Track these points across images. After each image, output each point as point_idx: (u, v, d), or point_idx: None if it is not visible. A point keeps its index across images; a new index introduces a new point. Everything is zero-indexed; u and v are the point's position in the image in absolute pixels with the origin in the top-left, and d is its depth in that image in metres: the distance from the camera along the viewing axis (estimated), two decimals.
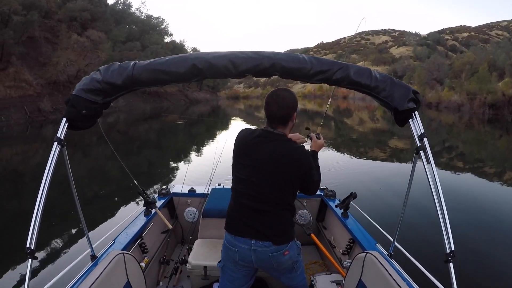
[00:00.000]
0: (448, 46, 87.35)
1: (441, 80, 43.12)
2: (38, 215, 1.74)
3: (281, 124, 2.12)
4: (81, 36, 39.58)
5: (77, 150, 14.42)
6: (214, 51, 2.05)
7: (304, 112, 46.39)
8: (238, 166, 2.19)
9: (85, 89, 1.92)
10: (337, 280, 3.02)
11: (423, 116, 32.71)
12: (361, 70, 2.07)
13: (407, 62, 67.26)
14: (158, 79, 1.96)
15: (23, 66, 30.85)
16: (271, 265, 2.17)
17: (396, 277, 2.06)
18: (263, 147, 2.08)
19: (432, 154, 1.93)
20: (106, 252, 2.66)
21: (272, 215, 2.11)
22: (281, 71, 2.00)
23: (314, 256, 4.07)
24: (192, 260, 3.06)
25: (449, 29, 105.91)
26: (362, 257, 2.36)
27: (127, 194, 7.95)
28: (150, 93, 49.32)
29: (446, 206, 1.80)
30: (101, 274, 2.07)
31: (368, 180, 9.68)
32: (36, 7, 32.64)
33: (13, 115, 25.90)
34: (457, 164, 12.96)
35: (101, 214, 7.04)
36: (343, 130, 25.52)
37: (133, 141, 19.34)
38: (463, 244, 5.39)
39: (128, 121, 31.21)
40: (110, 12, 49.93)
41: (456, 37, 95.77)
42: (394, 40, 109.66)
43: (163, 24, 61.08)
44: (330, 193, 4.24)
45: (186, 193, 4.25)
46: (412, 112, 2.04)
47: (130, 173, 3.59)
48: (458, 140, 20.11)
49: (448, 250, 1.76)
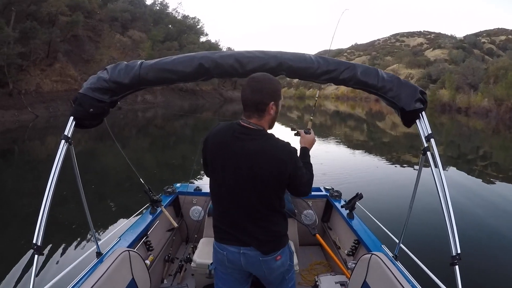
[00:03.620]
0: (485, 49, 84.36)
1: (476, 85, 42.04)
2: (45, 211, 1.77)
3: (255, 113, 1.83)
4: (123, 35, 41.54)
5: (84, 148, 14.80)
6: (221, 51, 2.08)
7: (337, 114, 45.90)
8: (212, 168, 1.94)
9: (93, 88, 1.94)
10: (341, 281, 3.02)
11: (452, 121, 32.50)
12: (368, 70, 2.08)
13: (442, 66, 65.57)
14: (165, 78, 1.98)
15: (68, 62, 32.74)
16: (261, 271, 2.01)
17: (401, 279, 2.03)
18: (240, 146, 1.82)
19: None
20: (111, 249, 2.66)
21: (255, 223, 1.91)
22: (288, 71, 2.01)
23: (319, 256, 4.06)
24: (197, 259, 3.00)
25: (486, 32, 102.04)
26: (367, 258, 2.32)
27: (133, 192, 7.87)
28: (186, 91, 50.05)
29: (453, 207, 1.79)
30: (107, 271, 2.08)
31: (375, 180, 9.57)
32: (80, 8, 34.51)
33: (60, 107, 27.70)
34: (469, 167, 12.74)
35: (107, 211, 7.13)
36: (365, 133, 25.28)
37: (149, 137, 20.12)
38: (470, 247, 5.29)
39: (165, 116, 31.98)
40: (148, 12, 51.32)
41: (493, 40, 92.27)
42: (430, 42, 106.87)
43: (199, 24, 61.63)
44: (336, 193, 4.20)
45: (192, 192, 4.22)
46: (419, 113, 2.03)
47: (136, 171, 3.52)
48: (480, 144, 19.55)
49: (454, 252, 1.74)
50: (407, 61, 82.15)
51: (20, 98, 25.56)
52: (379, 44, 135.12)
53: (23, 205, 7.41)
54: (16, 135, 19.11)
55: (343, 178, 9.54)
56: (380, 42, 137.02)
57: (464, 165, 13.03)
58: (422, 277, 2.29)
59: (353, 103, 70.52)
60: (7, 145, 16.05)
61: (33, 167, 11.70)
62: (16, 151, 14.67)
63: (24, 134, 19.33)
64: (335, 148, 16.03)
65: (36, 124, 22.58)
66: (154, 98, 42.28)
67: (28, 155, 13.98)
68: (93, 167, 11.08)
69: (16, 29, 25.21)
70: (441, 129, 26.77)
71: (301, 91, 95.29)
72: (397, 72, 76.98)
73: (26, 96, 26.36)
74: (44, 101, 27.49)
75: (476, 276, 4.55)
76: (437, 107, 43.74)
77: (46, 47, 29.93)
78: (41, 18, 28.91)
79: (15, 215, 6.81)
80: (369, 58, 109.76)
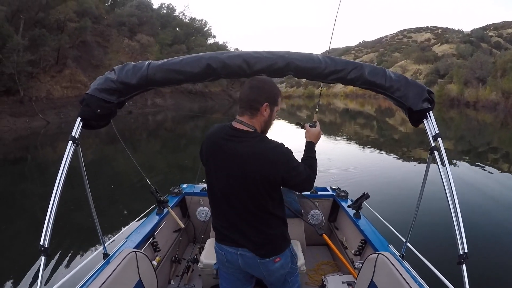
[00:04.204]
0: (493, 43, 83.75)
1: (484, 79, 41.86)
2: (52, 213, 1.77)
3: (248, 110, 1.85)
4: (132, 40, 41.82)
5: (95, 151, 14.97)
6: (229, 51, 2.07)
7: (346, 111, 45.71)
8: (208, 170, 1.97)
9: (100, 89, 1.93)
10: (348, 281, 3.02)
11: (461, 115, 32.36)
12: (375, 70, 2.07)
13: (450, 60, 65.18)
14: (173, 79, 1.97)
15: (78, 68, 32.95)
16: (260, 273, 2.01)
17: (408, 278, 2.03)
18: (232, 148, 1.82)
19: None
20: (118, 251, 2.66)
21: (249, 225, 1.90)
22: (295, 71, 2.00)
23: (325, 256, 4.06)
24: (204, 259, 2.99)
25: (493, 25, 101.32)
26: (374, 258, 2.33)
27: (140, 192, 7.84)
28: (196, 93, 50.25)
29: (460, 206, 1.79)
30: (113, 272, 2.08)
31: (381, 180, 9.55)
32: (88, 13, 34.77)
33: (71, 112, 27.77)
34: (478, 161, 12.66)
35: (114, 212, 7.19)
36: (374, 131, 25.28)
37: (160, 140, 20.37)
38: (477, 246, 5.27)
39: (175, 119, 32.31)
40: (156, 16, 51.51)
41: (501, 33, 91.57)
42: (437, 37, 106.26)
43: (206, 26, 61.67)
44: (343, 193, 4.20)
45: (198, 192, 4.19)
46: (426, 112, 2.03)
47: (142, 172, 3.54)
48: (488, 138, 19.58)
49: (461, 251, 1.74)
50: (415, 57, 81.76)
51: (31, 105, 25.81)
52: (386, 40, 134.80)
53: (34, 208, 7.55)
54: (28, 142, 19.36)
55: (350, 176, 9.60)
56: (387, 39, 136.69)
57: (473, 160, 13.03)
58: (429, 277, 2.29)
59: (362, 100, 70.58)
60: (20, 152, 16.31)
61: (45, 172, 11.86)
62: (29, 158, 14.88)
63: (36, 141, 19.58)
64: (343, 146, 16.09)
65: (47, 131, 22.88)
66: (164, 101, 42.49)
67: (40, 161, 14.22)
68: (102, 169, 11.19)
69: (25, 36, 25.45)
70: (450, 123, 26.69)
71: (310, 90, 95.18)
72: (405, 68, 76.93)
73: (37, 103, 26.61)
74: (55, 107, 27.74)
75: (484, 275, 4.54)
76: (445, 101, 43.65)
77: (55, 54, 30.17)
78: (49, 25, 29.13)
79: (25, 218, 6.91)
80: (377, 55, 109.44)
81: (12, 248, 5.59)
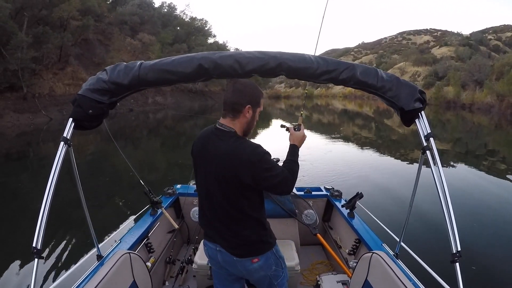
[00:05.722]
0: (491, 46, 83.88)
1: (482, 82, 42.12)
2: (45, 215, 1.73)
3: (230, 113, 1.93)
4: (133, 39, 42.11)
5: (83, 150, 14.71)
6: (221, 51, 2.04)
7: (345, 112, 45.84)
8: (194, 170, 2.05)
9: (91, 89, 1.92)
10: (343, 280, 3.03)
11: (457, 117, 32.63)
12: (367, 70, 2.06)
13: (449, 63, 65.35)
14: (165, 79, 1.95)
15: (80, 66, 33.35)
16: (238, 271, 2.03)
17: (402, 277, 2.05)
18: (213, 148, 1.91)
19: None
20: (112, 252, 2.65)
21: (225, 225, 1.96)
22: (288, 71, 1.99)
23: (320, 256, 4.08)
24: (198, 260, 3.00)
25: (492, 28, 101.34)
26: (368, 257, 2.35)
27: (133, 193, 7.85)
28: (196, 92, 50.38)
29: (452, 206, 1.81)
30: (107, 273, 2.07)
31: (375, 179, 9.59)
32: (90, 12, 34.96)
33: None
34: (471, 162, 12.85)
35: (108, 214, 7.11)
36: (373, 132, 25.49)
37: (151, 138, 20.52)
38: (470, 245, 5.35)
39: (175, 117, 32.19)
40: (157, 15, 51.69)
41: (500, 36, 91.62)
42: (436, 40, 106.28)
43: (206, 25, 61.69)
44: (336, 193, 4.21)
45: (192, 193, 4.12)
46: (418, 112, 2.04)
47: (136, 173, 3.53)
48: (483, 139, 19.72)
49: (454, 250, 1.76)
50: (414, 59, 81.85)
51: (34, 102, 26.14)
52: (386, 42, 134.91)
53: (33, 207, 7.41)
54: (31, 138, 19.63)
55: (344, 175, 9.72)
56: (387, 41, 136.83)
57: (466, 160, 13.15)
58: (423, 275, 2.32)
59: (361, 101, 70.41)
60: (23, 147, 16.59)
61: (46, 169, 11.73)
62: (31, 154, 15.17)
63: (38, 137, 19.91)
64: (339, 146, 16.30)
65: (50, 127, 23.14)
66: (165, 100, 42.78)
67: (41, 157, 14.44)
68: (95, 170, 10.98)
69: (29, 34, 25.70)
70: (446, 125, 27.00)
71: (309, 91, 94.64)
72: (404, 70, 77.12)
73: (40, 99, 26.95)
74: (57, 104, 28.06)
75: (477, 273, 4.63)
76: (442, 104, 43.88)
77: (58, 51, 30.46)
78: (52, 22, 29.38)
79: (22, 217, 6.85)
80: (376, 57, 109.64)
81: (4, 249, 5.52)
